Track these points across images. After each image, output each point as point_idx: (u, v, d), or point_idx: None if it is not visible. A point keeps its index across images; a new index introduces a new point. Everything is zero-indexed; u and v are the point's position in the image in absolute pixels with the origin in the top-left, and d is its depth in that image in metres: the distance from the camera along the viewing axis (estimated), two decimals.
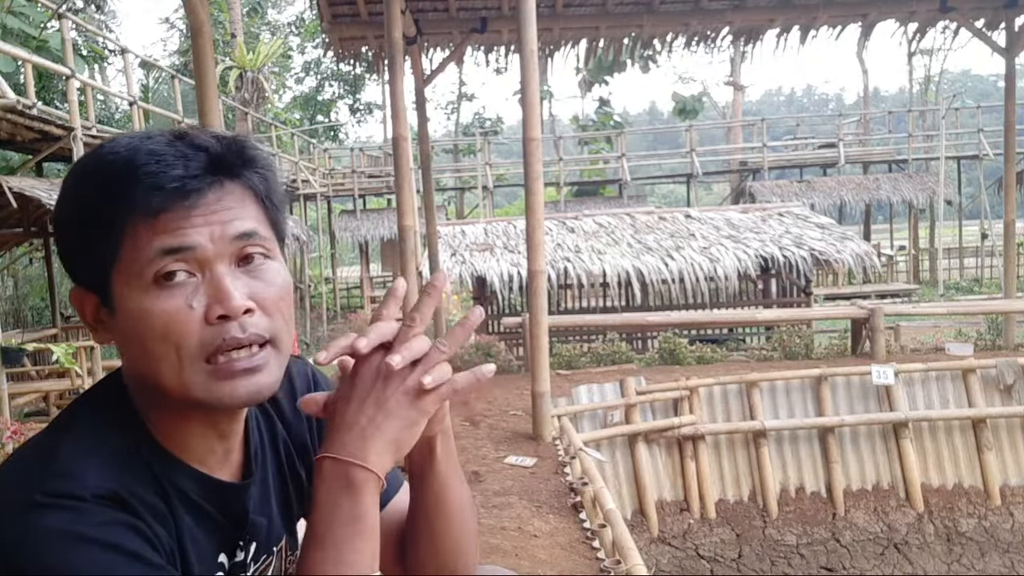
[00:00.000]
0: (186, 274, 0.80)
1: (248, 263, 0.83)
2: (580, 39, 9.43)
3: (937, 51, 27.56)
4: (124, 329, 0.82)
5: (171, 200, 0.79)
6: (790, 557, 6.56)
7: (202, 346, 0.80)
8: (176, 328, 0.79)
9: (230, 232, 0.81)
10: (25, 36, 11.30)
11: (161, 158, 0.80)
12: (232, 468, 0.92)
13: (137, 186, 0.78)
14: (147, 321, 0.79)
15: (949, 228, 22.59)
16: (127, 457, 0.81)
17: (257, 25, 27.06)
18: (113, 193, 0.79)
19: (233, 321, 0.80)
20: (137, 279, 0.79)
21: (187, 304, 0.79)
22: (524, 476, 4.70)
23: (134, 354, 0.82)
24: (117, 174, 0.79)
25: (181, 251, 0.79)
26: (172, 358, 0.80)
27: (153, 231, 0.79)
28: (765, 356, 8.59)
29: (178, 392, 0.81)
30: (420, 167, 9.49)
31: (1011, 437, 6.94)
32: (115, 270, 0.80)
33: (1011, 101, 9.25)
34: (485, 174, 20.80)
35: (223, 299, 0.80)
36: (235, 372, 0.81)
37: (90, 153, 0.85)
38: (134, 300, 0.80)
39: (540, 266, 5.40)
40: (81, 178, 0.83)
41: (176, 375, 0.80)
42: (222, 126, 5.21)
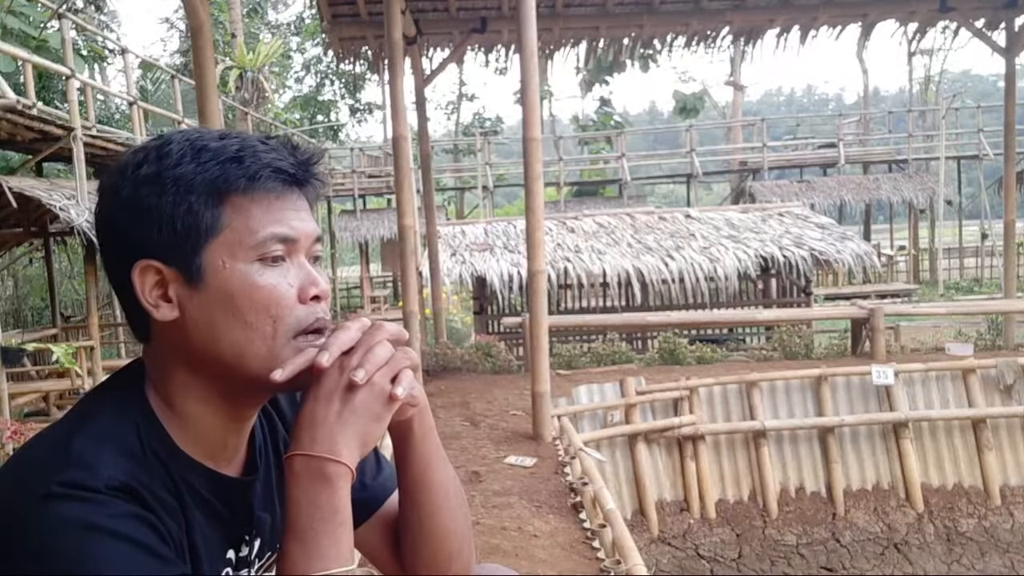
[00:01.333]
0: (283, 259, 0.86)
1: (314, 263, 0.91)
2: (580, 39, 9.44)
3: (937, 51, 27.57)
4: (214, 301, 0.84)
5: (286, 188, 0.87)
6: (790, 557, 6.56)
7: (298, 322, 0.86)
8: (279, 302, 0.85)
9: (313, 232, 0.90)
10: (25, 36, 11.30)
11: (274, 149, 0.87)
12: (237, 465, 0.94)
13: (261, 168, 0.85)
14: (251, 293, 0.84)
15: (949, 228, 22.59)
16: (141, 452, 0.83)
17: (257, 25, 27.05)
18: (228, 169, 0.84)
19: (321, 303, 0.88)
20: (243, 254, 0.84)
21: (287, 283, 0.86)
22: (524, 476, 4.70)
23: (218, 329, 0.84)
24: (236, 154, 0.85)
25: (289, 240, 0.86)
26: (268, 330, 0.84)
27: (267, 215, 0.85)
28: (765, 356, 8.59)
29: (263, 364, 0.85)
30: (420, 167, 9.49)
31: (1011, 437, 6.94)
32: (212, 243, 0.84)
33: (1011, 101, 9.25)
34: (485, 174, 20.80)
35: (316, 283, 0.88)
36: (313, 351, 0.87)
37: (173, 136, 0.87)
38: (237, 272, 0.84)
39: (540, 266, 5.40)
40: (175, 155, 0.84)
41: (268, 347, 0.85)
42: (222, 126, 5.20)
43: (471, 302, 12.04)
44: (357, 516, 1.04)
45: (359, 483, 1.04)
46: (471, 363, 7.86)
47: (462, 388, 7.09)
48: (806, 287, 11.42)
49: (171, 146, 0.85)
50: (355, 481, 0.91)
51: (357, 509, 1.04)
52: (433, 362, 7.67)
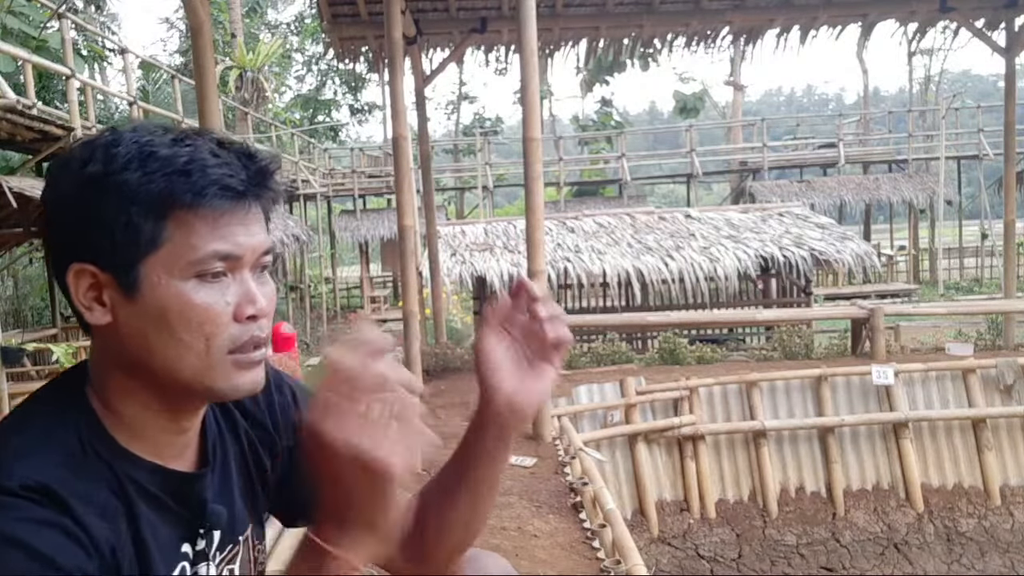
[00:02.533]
0: (224, 275, 0.85)
1: (260, 273, 0.89)
2: (580, 39, 9.44)
3: (937, 51, 27.60)
4: (147, 314, 0.83)
5: (234, 204, 0.84)
6: (790, 557, 6.56)
7: (231, 340, 0.85)
8: (212, 321, 0.84)
9: (260, 245, 0.88)
10: (25, 36, 11.29)
11: (226, 162, 0.85)
12: (189, 460, 0.94)
13: (208, 184, 0.82)
14: (184, 311, 0.83)
15: (949, 228, 22.59)
16: (80, 453, 0.82)
17: (257, 25, 27.05)
18: (175, 183, 0.81)
19: (257, 322, 0.86)
20: (181, 270, 0.83)
21: (224, 301, 0.84)
22: (524, 476, 4.70)
23: (150, 341, 0.84)
24: (184, 166, 0.82)
25: (231, 257, 0.85)
26: (200, 348, 0.84)
27: (211, 231, 0.83)
28: (765, 356, 8.59)
29: (196, 379, 0.85)
30: (420, 167, 9.49)
31: (1011, 437, 6.94)
32: (151, 256, 0.82)
33: (1011, 101, 9.25)
34: (485, 174, 20.80)
35: (254, 301, 0.86)
36: (250, 365, 0.87)
37: (124, 135, 0.84)
38: (172, 289, 0.82)
39: (540, 266, 5.40)
40: (121, 159, 0.82)
41: (201, 363, 0.84)
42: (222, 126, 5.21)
43: (471, 302, 12.04)
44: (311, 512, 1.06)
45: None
46: (471, 363, 7.84)
47: (462, 388, 7.08)
48: (806, 287, 11.42)
49: (119, 148, 0.82)
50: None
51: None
52: (433, 362, 7.67)
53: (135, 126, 0.86)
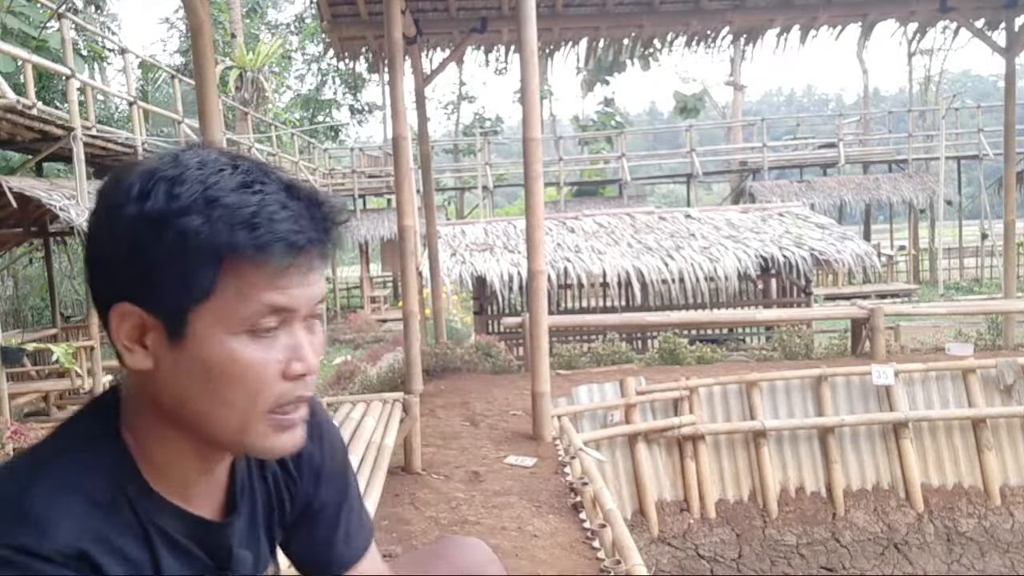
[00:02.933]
0: (275, 328, 0.81)
1: (311, 322, 0.85)
2: (580, 39, 9.43)
3: (937, 51, 27.58)
4: (191, 365, 0.79)
5: (298, 259, 0.79)
6: (790, 557, 6.56)
7: (276, 400, 0.81)
8: (260, 379, 0.79)
9: (316, 296, 0.83)
10: (25, 36, 11.30)
11: (295, 214, 0.79)
12: (215, 502, 0.91)
13: (274, 240, 0.77)
14: (231, 367, 0.78)
15: (949, 228, 22.59)
16: (110, 499, 0.79)
17: (257, 25, 27.05)
18: (239, 235, 0.76)
19: (305, 379, 0.83)
20: (232, 323, 0.78)
21: (274, 358, 0.80)
22: (524, 476, 4.70)
23: (190, 392, 0.80)
24: (251, 218, 0.77)
25: (286, 310, 0.80)
26: (242, 406, 0.80)
27: (269, 284, 0.79)
28: (765, 356, 8.59)
29: (232, 437, 0.82)
30: (420, 167, 9.49)
31: (1011, 437, 6.94)
32: (203, 305, 0.78)
33: (1011, 101, 9.25)
34: (485, 174, 20.80)
35: (305, 358, 0.82)
36: (290, 425, 0.84)
37: (188, 171, 0.78)
38: (221, 342, 0.78)
39: (540, 266, 5.40)
40: (184, 200, 0.77)
41: (240, 421, 0.81)
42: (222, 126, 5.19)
43: (471, 302, 12.04)
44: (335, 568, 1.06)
45: (346, 535, 1.06)
46: (471, 363, 7.85)
47: (462, 388, 7.08)
48: (806, 287, 11.42)
49: (183, 188, 0.77)
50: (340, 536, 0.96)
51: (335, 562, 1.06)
52: (433, 362, 7.67)
53: (201, 159, 0.80)
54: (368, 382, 7.81)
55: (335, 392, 7.92)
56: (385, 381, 7.58)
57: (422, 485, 4.46)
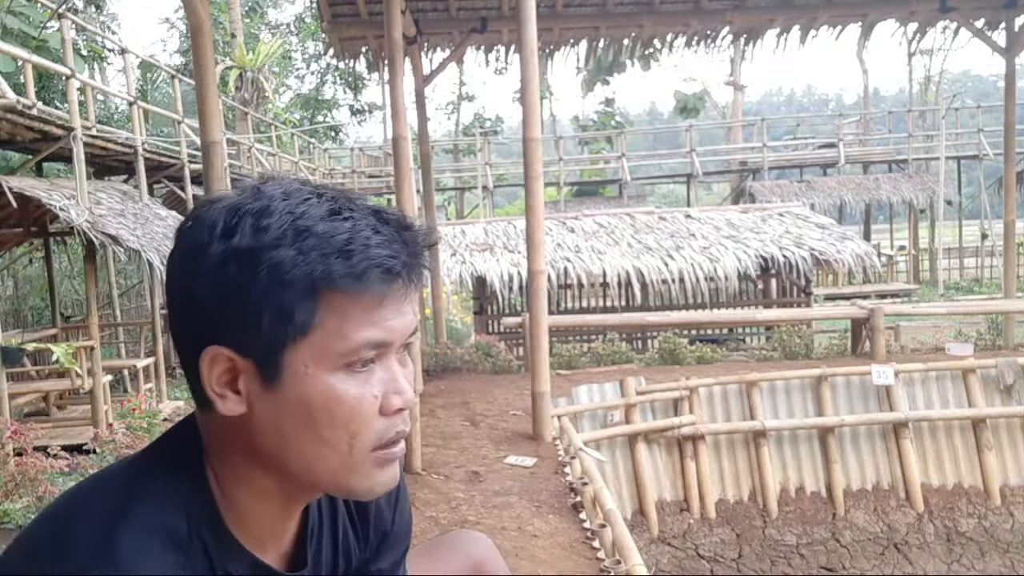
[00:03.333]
0: (372, 362, 0.78)
1: (402, 353, 0.82)
2: (580, 39, 9.43)
3: (937, 51, 27.59)
4: (288, 407, 0.76)
5: (394, 288, 0.77)
6: (790, 557, 6.56)
7: (377, 438, 0.79)
8: (360, 417, 0.77)
9: (410, 327, 0.80)
10: (25, 36, 11.30)
11: (388, 240, 0.77)
12: (285, 548, 0.89)
13: (370, 268, 0.75)
14: (331, 406, 0.76)
15: (949, 228, 22.59)
16: (187, 540, 0.77)
17: (257, 25, 27.05)
18: (333, 265, 0.74)
19: (403, 414, 0.80)
20: (330, 360, 0.75)
21: (372, 394, 0.78)
22: (524, 476, 4.70)
23: (288, 435, 0.77)
24: (344, 246, 0.74)
25: (383, 345, 0.77)
26: (343, 447, 0.77)
27: (365, 317, 0.76)
28: (765, 356, 8.59)
29: (334, 479, 0.79)
30: (420, 167, 9.49)
31: (1011, 437, 6.94)
32: (299, 343, 0.75)
33: (1011, 101, 9.25)
34: (485, 174, 20.80)
35: (403, 392, 0.79)
36: (392, 461, 0.81)
37: (274, 203, 0.76)
38: (319, 380, 0.75)
39: (540, 266, 5.40)
40: (274, 232, 0.74)
41: (342, 461, 0.78)
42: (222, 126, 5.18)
43: (471, 302, 12.05)
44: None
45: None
46: (471, 363, 7.86)
47: (462, 388, 7.08)
48: (806, 287, 11.43)
49: (271, 220, 0.74)
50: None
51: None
52: (433, 362, 7.67)
53: (285, 189, 0.78)
54: None
55: None
56: None
57: (422, 485, 4.46)
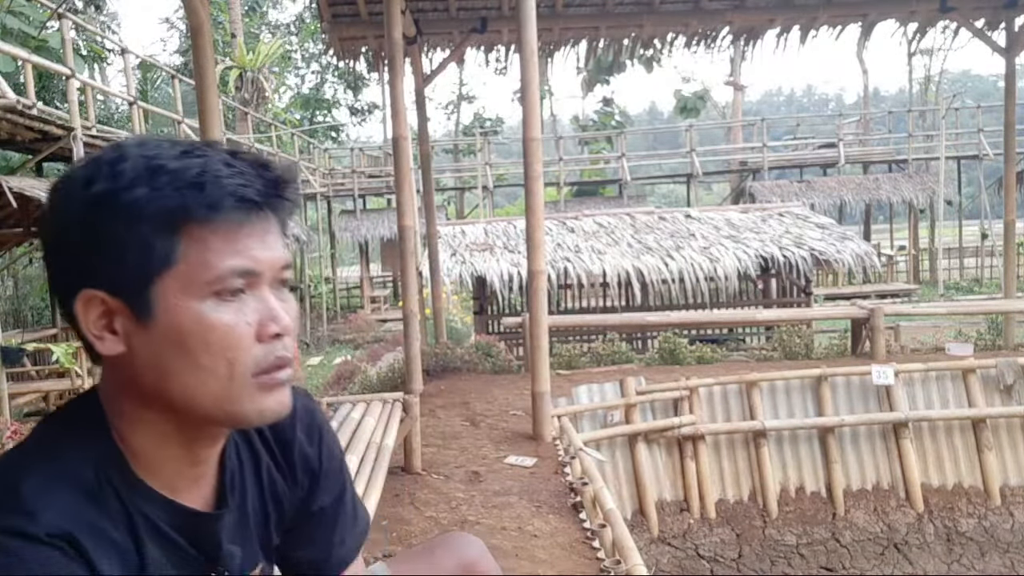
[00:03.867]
0: (242, 292, 0.80)
1: (279, 289, 0.84)
2: (580, 39, 9.43)
3: (937, 51, 27.59)
4: (163, 339, 0.79)
5: (250, 216, 0.80)
6: (790, 557, 6.56)
7: (255, 363, 0.81)
8: (235, 342, 0.79)
9: (280, 260, 0.83)
10: (25, 36, 11.30)
11: (240, 171, 0.80)
12: (204, 494, 0.90)
13: (223, 196, 0.77)
14: (204, 334, 0.78)
15: (949, 228, 22.59)
16: (96, 487, 0.79)
17: (257, 25, 27.05)
18: (187, 196, 0.77)
19: (282, 340, 0.82)
20: (197, 289, 0.78)
21: (245, 321, 0.80)
22: (524, 476, 4.70)
23: (168, 368, 0.79)
24: (196, 178, 0.77)
25: (250, 273, 0.80)
26: (222, 372, 0.79)
27: (227, 247, 0.78)
28: (765, 356, 8.59)
29: (219, 406, 0.81)
30: (420, 167, 9.49)
31: (1011, 437, 6.94)
32: (165, 276, 0.78)
33: (1011, 101, 9.25)
34: (485, 174, 20.80)
35: (277, 319, 0.81)
36: (275, 384, 0.83)
37: (129, 149, 0.79)
38: (189, 310, 0.78)
39: (540, 266, 5.40)
40: (128, 174, 0.77)
41: (223, 388, 0.80)
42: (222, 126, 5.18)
43: (471, 302, 12.04)
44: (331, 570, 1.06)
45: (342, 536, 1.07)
46: (471, 363, 7.85)
47: (462, 388, 7.08)
48: (806, 287, 11.42)
49: (125, 164, 0.77)
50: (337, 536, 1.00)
51: (333, 564, 1.06)
52: (433, 362, 7.67)
53: (140, 140, 0.82)
54: (368, 382, 7.81)
55: (335, 392, 7.92)
56: (385, 381, 7.58)
57: (422, 485, 4.46)
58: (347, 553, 1.08)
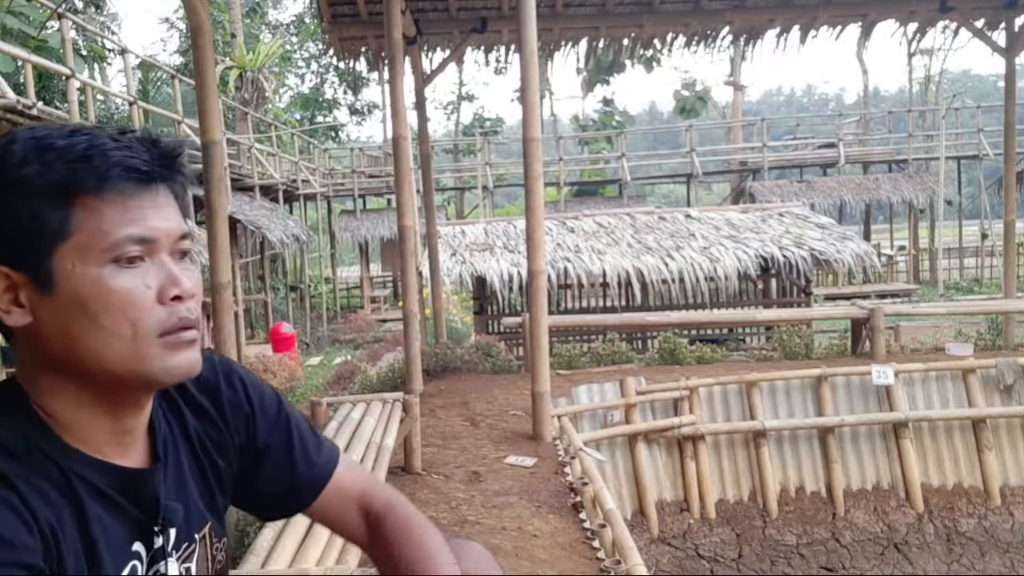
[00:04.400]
0: (140, 259, 0.84)
1: (181, 259, 0.88)
2: (580, 39, 9.43)
3: (937, 51, 27.59)
4: (66, 307, 0.82)
5: (141, 187, 0.84)
6: (790, 557, 6.56)
7: (158, 323, 0.84)
8: (136, 304, 0.83)
9: (176, 230, 0.87)
10: (25, 36, 11.29)
11: (127, 146, 0.84)
12: (137, 457, 0.93)
13: (110, 167, 0.82)
14: (105, 298, 0.82)
15: (949, 228, 22.60)
16: (24, 451, 0.82)
17: (257, 25, 27.05)
18: (76, 169, 0.81)
19: (184, 303, 0.86)
20: (94, 256, 0.82)
21: (145, 284, 0.84)
22: (524, 476, 4.70)
23: (74, 334, 0.83)
24: (84, 152, 0.82)
25: (147, 240, 0.84)
26: (127, 333, 0.83)
27: (121, 216, 0.83)
28: (765, 356, 8.59)
29: (127, 367, 0.84)
30: (420, 167, 9.49)
31: (1011, 437, 6.94)
32: (63, 245, 0.81)
33: (1011, 101, 9.25)
34: (485, 174, 20.80)
35: (178, 283, 0.86)
36: (182, 345, 0.86)
37: (19, 133, 0.84)
38: (88, 276, 0.82)
39: (540, 266, 5.40)
40: (18, 154, 0.82)
41: (129, 349, 0.83)
42: (222, 126, 5.18)
43: (471, 302, 12.05)
44: (305, 497, 1.09)
45: (305, 462, 1.09)
46: (471, 363, 7.85)
47: (462, 388, 7.08)
48: (806, 287, 11.42)
49: (15, 145, 0.82)
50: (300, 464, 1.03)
51: (304, 490, 1.09)
52: (433, 362, 7.67)
53: (32, 128, 0.86)
54: (368, 382, 7.81)
55: (335, 392, 7.92)
56: (385, 381, 7.58)
57: (422, 485, 4.46)
58: (322, 469, 1.09)
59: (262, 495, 1.09)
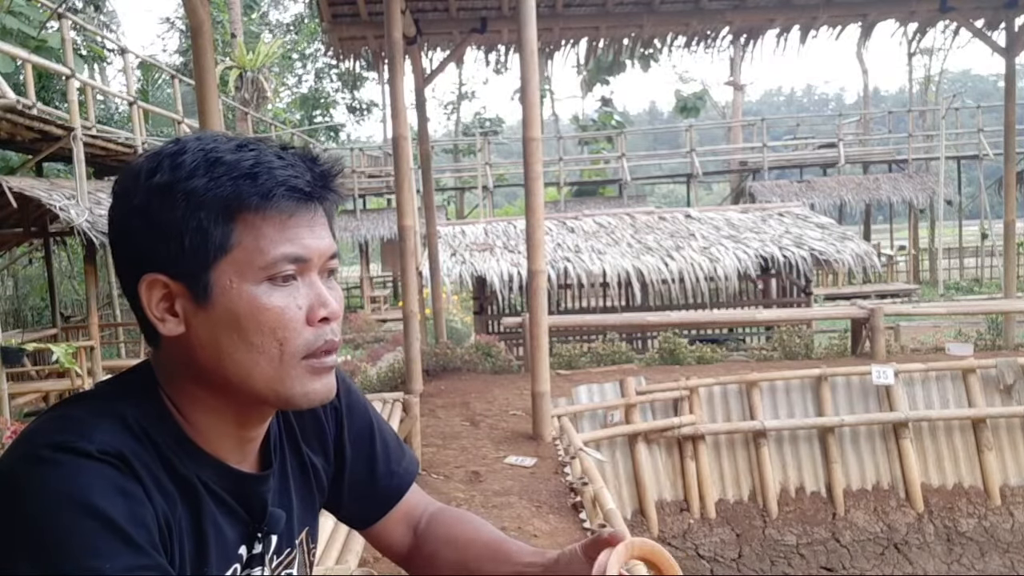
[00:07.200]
0: (293, 279, 0.85)
1: (328, 278, 0.89)
2: (580, 39, 9.44)
3: (937, 51, 27.58)
4: (220, 321, 0.83)
5: (300, 206, 0.85)
6: (790, 557, 6.56)
7: (306, 345, 0.85)
8: (286, 324, 0.84)
9: (328, 249, 0.88)
10: (25, 36, 11.29)
11: (291, 164, 0.85)
12: (251, 461, 0.94)
13: (275, 186, 0.83)
14: (258, 316, 0.83)
15: (949, 228, 22.59)
16: (145, 436, 0.83)
17: (257, 24, 27.05)
18: (242, 186, 0.82)
19: (330, 324, 0.87)
20: (252, 274, 0.83)
21: (296, 304, 0.85)
22: (524, 476, 4.70)
23: (223, 347, 0.84)
24: (250, 169, 0.83)
25: (301, 260, 0.85)
26: (274, 353, 0.84)
27: (279, 235, 0.84)
28: (765, 356, 8.59)
29: (270, 386, 0.85)
30: (420, 167, 9.49)
31: (1011, 437, 6.94)
32: (222, 261, 0.83)
33: (1011, 101, 9.25)
34: (485, 174, 20.80)
35: (326, 304, 0.86)
36: (323, 371, 0.87)
37: (188, 143, 0.85)
38: (244, 293, 0.83)
39: (540, 266, 5.40)
40: (188, 166, 0.83)
41: (275, 369, 0.84)
42: (222, 126, 5.19)
43: (471, 302, 12.04)
44: (382, 506, 1.10)
45: (386, 469, 1.10)
46: (471, 363, 7.86)
47: (462, 388, 7.09)
48: (806, 287, 11.42)
49: (185, 156, 0.83)
50: (381, 467, 1.03)
51: (382, 498, 1.10)
52: (433, 362, 7.67)
53: (199, 135, 0.87)
54: (368, 382, 7.81)
55: None
56: (385, 381, 7.58)
57: (422, 485, 4.43)
58: (403, 479, 1.11)
59: (346, 500, 1.09)
